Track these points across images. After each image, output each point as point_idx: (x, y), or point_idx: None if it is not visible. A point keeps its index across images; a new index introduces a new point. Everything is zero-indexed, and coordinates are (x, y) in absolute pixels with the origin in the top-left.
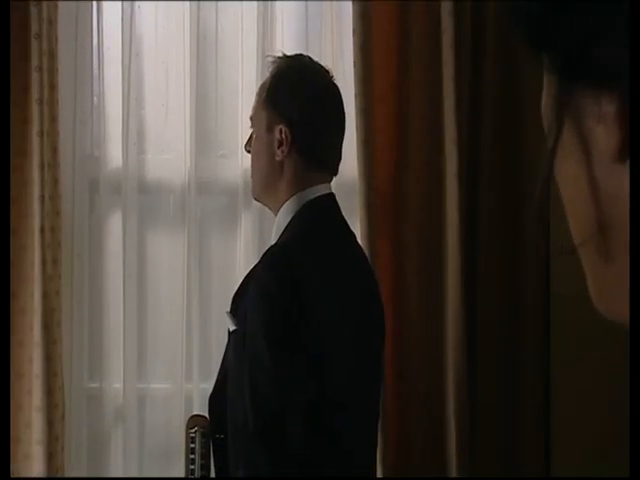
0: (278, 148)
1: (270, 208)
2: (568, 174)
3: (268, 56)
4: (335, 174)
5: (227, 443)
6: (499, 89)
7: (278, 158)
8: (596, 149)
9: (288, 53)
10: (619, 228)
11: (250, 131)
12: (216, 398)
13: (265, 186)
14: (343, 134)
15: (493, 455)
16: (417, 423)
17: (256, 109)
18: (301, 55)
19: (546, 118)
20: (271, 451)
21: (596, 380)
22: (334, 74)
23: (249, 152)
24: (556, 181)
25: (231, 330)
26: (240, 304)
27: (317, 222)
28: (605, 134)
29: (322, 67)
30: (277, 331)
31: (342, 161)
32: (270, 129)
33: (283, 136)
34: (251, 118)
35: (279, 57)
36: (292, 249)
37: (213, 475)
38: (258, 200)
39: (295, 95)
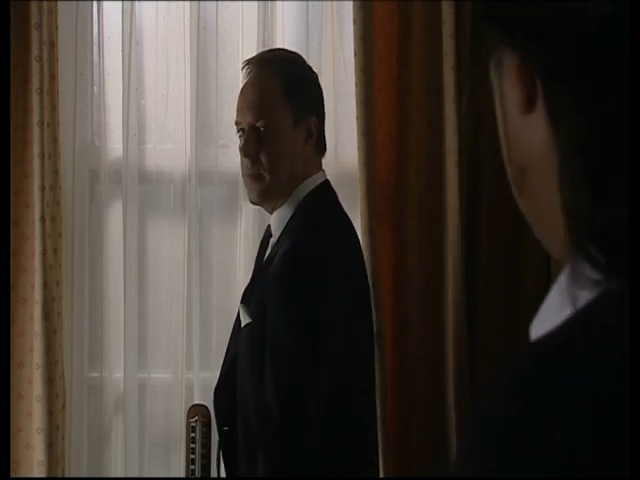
0: (307, 141)
1: (272, 208)
2: (499, 122)
3: (245, 61)
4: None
5: (234, 435)
6: None
7: (306, 152)
8: (507, 101)
9: (266, 51)
10: (532, 172)
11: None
12: (222, 391)
13: (286, 184)
14: None
15: None
16: (417, 423)
17: (269, 106)
18: (279, 49)
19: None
20: (293, 443)
21: None
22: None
23: (249, 156)
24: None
25: (244, 324)
26: (253, 299)
27: (324, 213)
28: (511, 87)
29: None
30: (302, 329)
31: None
32: (298, 124)
33: (313, 129)
34: (257, 119)
35: (260, 55)
36: (311, 245)
37: (213, 465)
38: (259, 204)
39: (314, 86)
